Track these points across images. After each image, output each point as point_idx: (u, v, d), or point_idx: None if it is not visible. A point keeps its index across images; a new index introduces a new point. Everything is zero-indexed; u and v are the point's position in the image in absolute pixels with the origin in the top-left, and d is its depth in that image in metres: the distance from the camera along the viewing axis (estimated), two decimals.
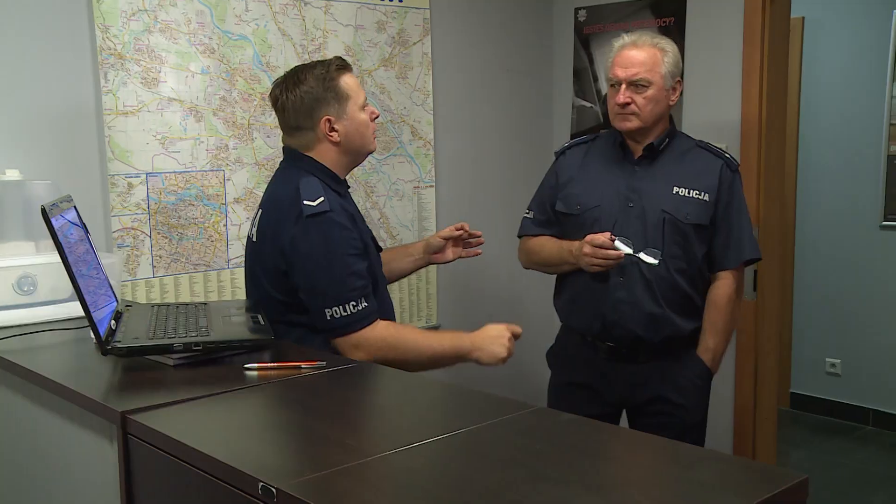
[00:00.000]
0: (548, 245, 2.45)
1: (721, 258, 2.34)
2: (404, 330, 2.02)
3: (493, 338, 1.93)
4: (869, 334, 4.37)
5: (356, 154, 2.04)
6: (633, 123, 2.29)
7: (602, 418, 2.43)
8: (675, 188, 2.30)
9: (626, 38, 2.32)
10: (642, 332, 2.30)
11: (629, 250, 2.23)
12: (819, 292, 4.50)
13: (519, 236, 2.55)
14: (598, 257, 2.23)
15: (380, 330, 1.89)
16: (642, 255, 2.25)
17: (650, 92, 2.27)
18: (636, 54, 2.28)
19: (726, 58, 3.11)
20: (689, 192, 2.29)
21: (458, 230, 2.31)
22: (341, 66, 1.99)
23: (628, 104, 2.27)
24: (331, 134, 1.96)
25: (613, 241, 2.22)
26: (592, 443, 1.27)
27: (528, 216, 2.52)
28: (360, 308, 1.86)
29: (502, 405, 1.42)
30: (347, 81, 1.98)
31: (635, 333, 2.31)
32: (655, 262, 2.25)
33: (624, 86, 2.27)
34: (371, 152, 2.10)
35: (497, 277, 3.53)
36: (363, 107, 2.00)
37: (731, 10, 3.08)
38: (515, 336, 1.95)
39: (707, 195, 2.30)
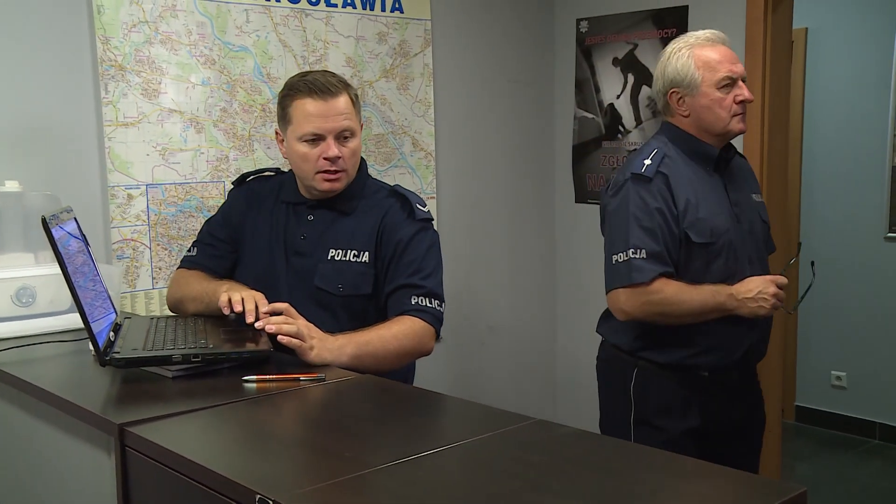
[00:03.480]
0: (693, 292, 1.99)
1: None
2: None
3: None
4: (875, 347, 4.34)
5: (302, 179, 1.95)
6: (746, 125, 2.07)
7: (701, 451, 2.05)
8: (752, 195, 2.18)
9: (709, 34, 2.05)
10: (765, 348, 2.20)
11: None
12: (824, 305, 4.47)
13: (636, 283, 1.99)
14: (780, 299, 2.00)
15: None
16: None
17: None
18: (730, 51, 2.03)
19: None
20: (759, 197, 2.21)
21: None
22: (304, 90, 1.86)
23: (750, 101, 2.03)
24: (281, 146, 1.99)
25: None
26: (592, 455, 1.26)
27: (638, 256, 1.98)
28: None
29: (500, 417, 1.41)
30: (300, 107, 1.86)
31: (764, 351, 2.19)
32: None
33: (740, 81, 2.01)
34: (318, 189, 1.92)
35: (498, 287, 3.51)
36: (302, 139, 1.87)
37: (733, 21, 3.08)
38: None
39: (762, 198, 2.24)
